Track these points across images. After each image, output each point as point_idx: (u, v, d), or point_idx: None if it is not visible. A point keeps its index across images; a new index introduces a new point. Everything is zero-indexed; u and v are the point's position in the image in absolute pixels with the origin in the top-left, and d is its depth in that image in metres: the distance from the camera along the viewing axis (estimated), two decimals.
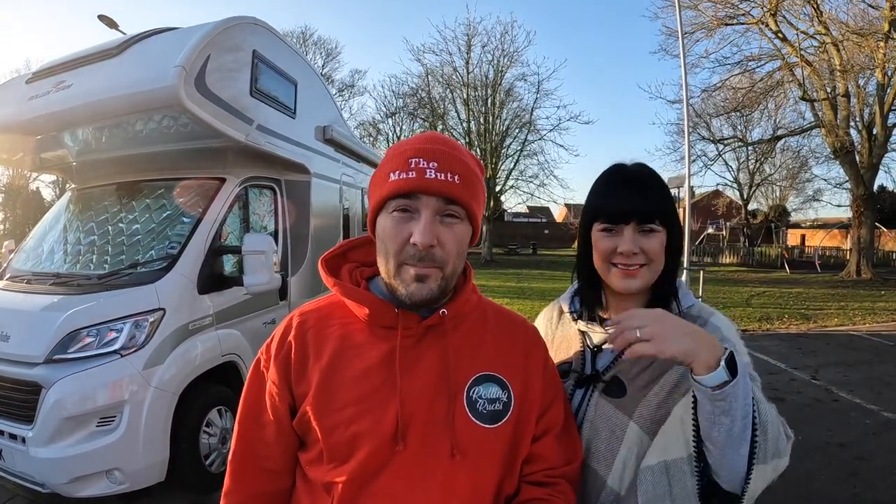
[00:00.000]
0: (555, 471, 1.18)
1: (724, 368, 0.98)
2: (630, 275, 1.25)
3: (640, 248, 1.23)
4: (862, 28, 18.33)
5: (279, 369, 1.14)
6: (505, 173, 32.18)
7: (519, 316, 1.33)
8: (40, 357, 3.28)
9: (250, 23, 4.59)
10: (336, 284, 1.16)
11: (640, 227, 1.24)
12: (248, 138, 4.40)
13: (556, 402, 1.22)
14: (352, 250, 1.29)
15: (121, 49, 4.09)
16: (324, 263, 1.23)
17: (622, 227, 1.24)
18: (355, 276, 1.21)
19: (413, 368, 1.09)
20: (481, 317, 1.23)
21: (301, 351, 1.13)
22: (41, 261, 4.53)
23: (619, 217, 1.25)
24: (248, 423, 1.19)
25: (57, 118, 4.09)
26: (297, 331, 1.15)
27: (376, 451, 1.03)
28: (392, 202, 1.05)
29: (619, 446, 1.20)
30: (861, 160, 19.98)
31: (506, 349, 1.19)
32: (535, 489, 1.16)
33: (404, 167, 1.05)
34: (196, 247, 4.00)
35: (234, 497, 1.20)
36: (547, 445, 1.18)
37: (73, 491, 3.21)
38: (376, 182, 1.11)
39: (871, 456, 4.69)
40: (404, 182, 1.04)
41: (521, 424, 1.14)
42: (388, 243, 1.05)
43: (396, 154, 1.09)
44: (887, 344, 9.29)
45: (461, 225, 1.08)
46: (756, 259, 29.42)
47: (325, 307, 1.21)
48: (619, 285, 1.27)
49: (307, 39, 39.51)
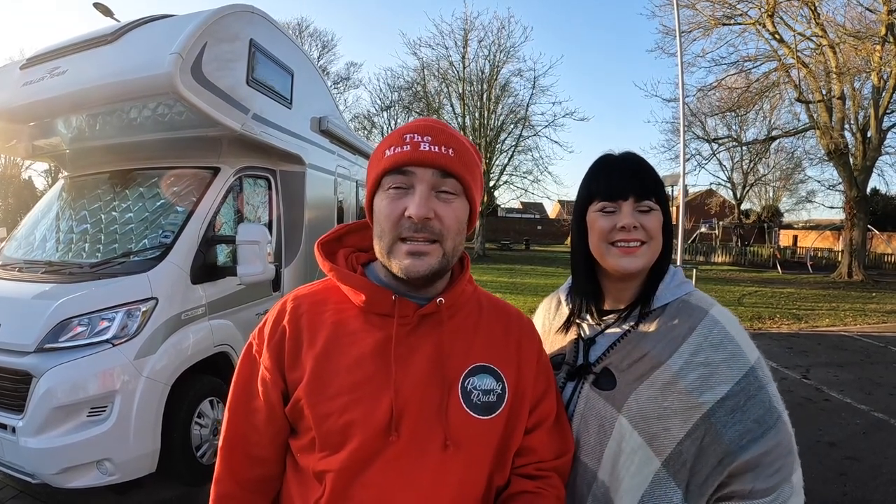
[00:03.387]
0: (546, 464, 1.18)
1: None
2: (630, 252, 1.23)
3: (640, 224, 1.22)
4: (859, 31, 18.38)
5: (272, 355, 1.11)
6: (499, 169, 32.11)
7: (513, 307, 1.31)
8: (31, 346, 3.24)
9: (247, 11, 4.55)
10: (332, 269, 1.15)
11: (638, 203, 1.23)
12: (244, 127, 4.37)
13: (548, 395, 1.22)
14: (348, 234, 1.28)
15: (116, 35, 4.05)
16: (320, 247, 1.21)
17: (621, 204, 1.23)
18: (351, 262, 1.20)
19: (408, 358, 1.07)
20: (476, 307, 1.22)
21: (295, 336, 1.11)
22: (33, 249, 4.48)
23: (617, 193, 1.24)
24: (239, 409, 1.17)
25: (51, 104, 4.04)
26: (290, 315, 1.13)
27: (369, 441, 1.02)
28: (387, 179, 1.06)
29: (607, 440, 1.18)
30: (855, 162, 20.04)
31: (500, 340, 1.18)
32: (526, 482, 1.15)
33: (399, 142, 1.06)
34: (189, 236, 3.97)
35: (225, 484, 1.18)
36: (539, 438, 1.18)
37: (64, 481, 3.18)
38: (373, 163, 1.11)
39: (861, 456, 4.72)
40: (399, 155, 1.04)
41: (514, 416, 1.14)
42: (383, 221, 1.05)
43: (392, 134, 1.10)
44: (878, 345, 9.35)
45: (458, 201, 1.08)
46: (748, 259, 29.52)
47: (319, 292, 1.19)
48: (618, 265, 1.24)
49: (303, 31, 39.26)
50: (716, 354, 1.15)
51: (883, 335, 10.19)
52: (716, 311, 1.23)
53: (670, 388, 1.14)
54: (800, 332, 10.51)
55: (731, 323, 1.21)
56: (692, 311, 1.22)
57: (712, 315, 1.21)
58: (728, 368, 1.13)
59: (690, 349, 1.16)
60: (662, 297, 1.27)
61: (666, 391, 1.14)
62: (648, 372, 1.18)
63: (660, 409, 1.13)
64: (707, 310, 1.22)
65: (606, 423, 1.19)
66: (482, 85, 31.27)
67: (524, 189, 33.58)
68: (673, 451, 1.12)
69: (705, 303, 1.25)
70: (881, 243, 29.37)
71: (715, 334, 1.17)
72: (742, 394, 1.12)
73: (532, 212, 59.34)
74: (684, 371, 1.14)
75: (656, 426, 1.13)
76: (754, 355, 1.17)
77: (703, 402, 1.11)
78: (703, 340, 1.17)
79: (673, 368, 1.15)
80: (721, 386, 1.12)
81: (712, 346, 1.16)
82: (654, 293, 1.27)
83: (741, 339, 1.18)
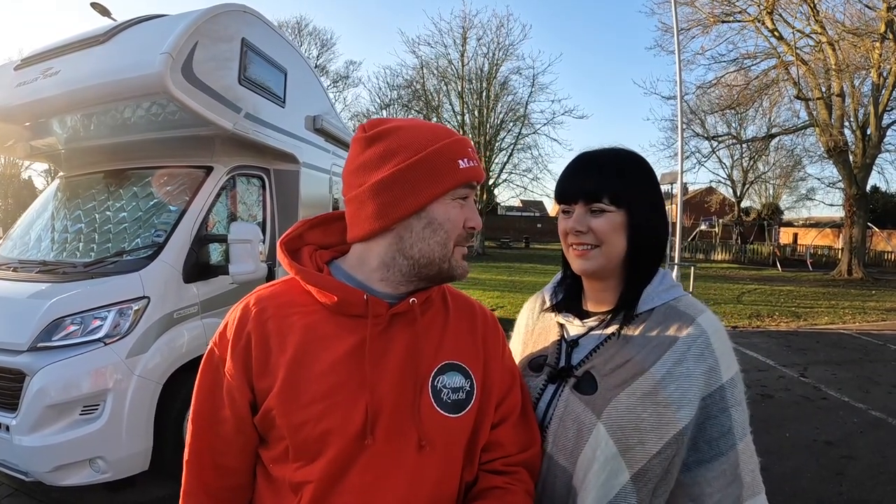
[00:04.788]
0: (512, 458, 1.17)
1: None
2: (582, 255, 1.23)
3: (589, 228, 1.21)
4: (858, 28, 18.36)
5: (237, 362, 1.05)
6: (498, 167, 32.13)
7: (476, 301, 1.31)
8: (24, 344, 3.26)
9: (239, 10, 4.55)
10: (300, 271, 1.10)
11: (588, 205, 1.22)
12: (236, 127, 4.37)
13: (513, 389, 1.22)
14: (309, 230, 1.23)
15: (108, 36, 4.05)
16: (283, 246, 1.17)
17: (573, 206, 1.24)
18: (315, 260, 1.16)
19: (381, 359, 1.05)
20: (442, 304, 1.21)
21: (262, 342, 1.05)
22: (28, 248, 4.51)
23: (569, 197, 1.25)
24: (204, 420, 1.11)
25: (44, 105, 4.05)
26: (256, 320, 1.07)
27: (346, 447, 1.00)
28: (460, 189, 1.09)
29: (583, 445, 1.15)
30: (854, 160, 20.03)
31: (466, 336, 1.18)
32: (495, 477, 1.14)
33: (469, 156, 1.10)
34: (182, 235, 3.97)
35: (194, 498, 1.14)
36: (505, 432, 1.17)
37: (57, 479, 3.19)
38: (440, 167, 1.06)
39: (858, 455, 4.71)
40: (475, 171, 1.10)
41: (482, 412, 1.14)
42: (452, 230, 1.09)
43: (452, 144, 1.09)
44: (876, 343, 9.35)
45: None
46: (748, 256, 29.51)
47: (282, 293, 1.13)
48: (575, 266, 1.26)
49: (302, 30, 39.27)
50: (696, 366, 1.12)
51: (882, 333, 10.19)
52: (703, 318, 1.18)
53: (650, 398, 1.11)
54: (798, 329, 10.52)
55: (717, 333, 1.17)
56: (679, 318, 1.19)
57: (699, 323, 1.17)
58: (705, 384, 1.11)
59: (674, 357, 1.13)
60: (649, 301, 1.23)
61: (646, 401, 1.11)
62: (630, 379, 1.14)
63: (637, 420, 1.10)
64: (694, 317, 1.18)
65: (584, 429, 1.16)
66: (481, 83, 31.31)
67: (523, 187, 33.68)
68: (643, 467, 1.10)
69: (693, 309, 1.21)
70: (881, 241, 29.34)
71: (698, 344, 1.14)
72: (704, 412, 1.10)
73: (532, 210, 59.33)
74: (666, 381, 1.11)
75: (633, 437, 1.10)
76: (730, 373, 1.14)
77: (678, 419, 1.09)
78: (686, 350, 1.13)
79: (655, 377, 1.12)
80: (698, 401, 1.10)
81: (694, 358, 1.12)
82: (638, 296, 1.24)
83: (722, 352, 1.15)
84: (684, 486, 1.11)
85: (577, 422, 1.17)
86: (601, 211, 1.21)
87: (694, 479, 1.10)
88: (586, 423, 1.15)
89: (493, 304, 12.04)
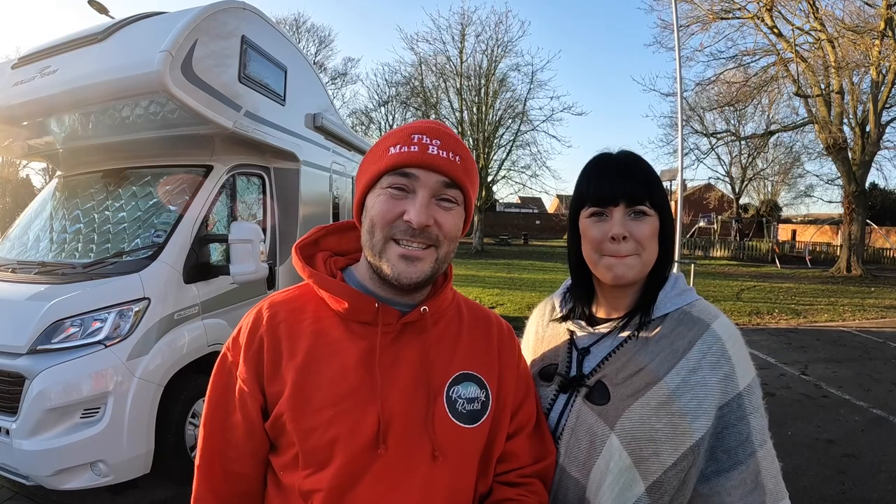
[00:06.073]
0: (527, 469, 1.15)
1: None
2: (621, 261, 1.16)
3: (630, 233, 1.15)
4: (858, 25, 18.33)
5: (249, 367, 1.05)
6: (497, 163, 32.13)
7: (492, 312, 1.29)
8: (24, 347, 3.23)
9: (239, 8, 4.50)
10: (312, 275, 1.10)
11: (630, 209, 1.16)
12: (236, 125, 4.33)
13: (528, 400, 1.20)
14: (325, 237, 1.23)
15: (106, 34, 4.01)
16: (298, 251, 1.17)
17: (612, 210, 1.17)
18: (329, 266, 1.15)
19: (391, 368, 1.04)
20: (457, 314, 1.19)
21: (273, 347, 1.05)
22: (26, 249, 4.47)
23: (608, 199, 1.17)
24: (215, 425, 1.10)
25: (42, 104, 4.02)
26: (268, 324, 1.07)
27: (357, 456, 0.99)
28: (387, 178, 1.01)
29: (596, 457, 1.12)
30: (853, 157, 20.04)
31: (481, 347, 1.16)
32: (508, 489, 1.13)
33: (406, 142, 1.02)
34: (182, 236, 3.94)
35: (207, 503, 1.12)
36: (520, 444, 1.16)
37: (58, 483, 3.17)
38: (372, 158, 1.06)
39: (859, 453, 4.71)
40: (406, 155, 1.00)
41: (497, 423, 1.12)
42: (377, 220, 1.01)
43: (397, 131, 1.06)
44: (876, 340, 9.34)
45: (458, 210, 1.06)
46: (747, 253, 29.51)
47: (295, 298, 1.13)
48: (608, 276, 1.18)
49: (300, 27, 39.15)
50: (712, 375, 1.08)
51: (882, 330, 10.20)
52: (718, 324, 1.14)
53: (665, 408, 1.08)
54: (798, 327, 10.52)
55: (733, 339, 1.13)
56: (693, 324, 1.15)
57: (713, 329, 1.13)
58: (721, 393, 1.08)
59: (689, 366, 1.09)
60: (662, 307, 1.19)
61: (660, 411, 1.08)
62: (644, 388, 1.11)
63: (652, 431, 1.07)
64: (709, 323, 1.14)
65: (597, 441, 1.12)
66: (480, 80, 31.30)
67: (522, 184, 33.73)
68: (658, 479, 1.07)
69: (708, 315, 1.17)
70: (880, 238, 29.37)
71: (714, 352, 1.10)
72: (721, 421, 1.07)
73: (530, 206, 59.46)
74: (680, 390, 1.08)
75: (647, 449, 1.07)
76: (747, 379, 1.11)
77: (694, 430, 1.06)
78: (701, 357, 1.10)
79: (670, 386, 1.09)
80: (714, 411, 1.07)
81: (710, 366, 1.09)
82: (653, 302, 1.20)
83: (738, 358, 1.11)
84: (703, 497, 1.09)
85: (590, 433, 1.15)
86: (642, 214, 1.16)
87: (713, 489, 1.08)
88: (599, 435, 1.13)
89: (491, 302, 12.04)
